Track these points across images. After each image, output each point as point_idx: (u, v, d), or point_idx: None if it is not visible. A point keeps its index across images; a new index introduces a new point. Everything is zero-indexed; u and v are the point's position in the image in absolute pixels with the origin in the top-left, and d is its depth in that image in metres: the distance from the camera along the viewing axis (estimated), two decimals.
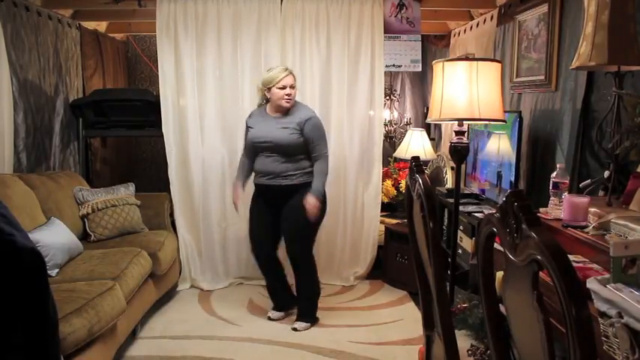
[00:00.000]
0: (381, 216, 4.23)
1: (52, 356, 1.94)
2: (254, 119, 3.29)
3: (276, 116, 3.21)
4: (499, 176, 3.27)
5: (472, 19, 4.31)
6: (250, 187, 3.41)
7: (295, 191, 3.18)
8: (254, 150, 3.25)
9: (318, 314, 3.40)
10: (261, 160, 3.21)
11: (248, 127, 3.30)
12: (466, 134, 2.92)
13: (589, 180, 2.38)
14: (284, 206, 3.22)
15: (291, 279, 3.45)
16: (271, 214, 3.28)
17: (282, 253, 3.41)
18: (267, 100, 3.24)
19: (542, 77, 3.12)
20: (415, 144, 4.51)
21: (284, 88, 3.12)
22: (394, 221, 4.24)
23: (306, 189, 3.16)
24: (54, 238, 2.86)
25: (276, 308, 3.46)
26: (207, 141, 4.00)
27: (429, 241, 1.53)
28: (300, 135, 3.15)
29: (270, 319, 3.40)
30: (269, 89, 3.15)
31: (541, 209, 2.20)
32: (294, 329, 3.23)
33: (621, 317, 1.27)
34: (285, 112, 3.20)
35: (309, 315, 3.33)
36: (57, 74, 3.96)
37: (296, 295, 3.40)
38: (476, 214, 3.24)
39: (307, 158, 3.22)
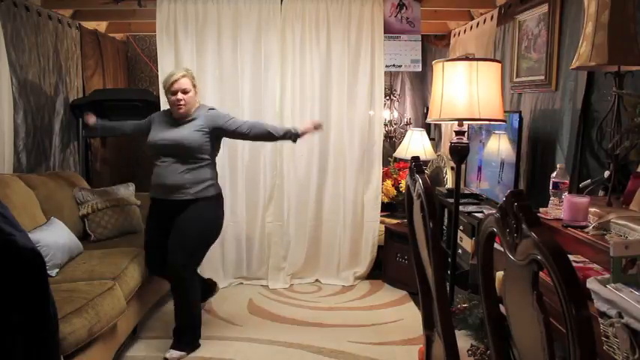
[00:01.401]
0: (381, 216, 4.24)
1: (52, 356, 1.94)
2: (157, 119, 3.02)
3: (177, 119, 2.93)
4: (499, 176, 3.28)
5: (472, 19, 4.31)
6: None
7: (190, 205, 2.87)
8: (150, 153, 2.97)
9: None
10: (159, 168, 2.89)
11: (151, 124, 3.03)
12: (465, 134, 2.92)
13: (589, 180, 2.38)
14: (176, 218, 2.88)
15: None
16: (161, 231, 2.94)
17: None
18: None
19: (542, 77, 3.13)
20: (415, 144, 4.51)
21: (176, 93, 2.84)
22: (394, 221, 4.24)
23: (200, 202, 2.88)
24: (54, 238, 2.86)
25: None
26: None
27: (429, 241, 1.53)
28: (207, 136, 2.87)
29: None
30: (166, 93, 2.90)
31: (541, 209, 2.20)
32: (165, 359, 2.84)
33: (621, 317, 1.27)
34: (186, 117, 2.90)
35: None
36: (57, 74, 3.96)
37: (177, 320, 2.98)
38: (476, 214, 3.25)
39: (209, 165, 2.93)
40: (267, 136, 3.05)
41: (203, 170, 2.90)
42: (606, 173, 2.21)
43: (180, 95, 2.85)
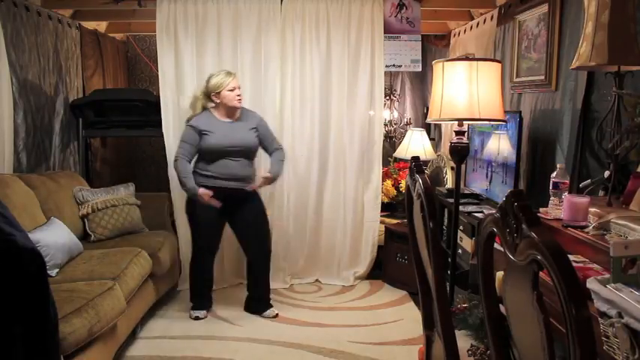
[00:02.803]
0: (381, 216, 4.24)
1: (52, 356, 1.94)
2: (207, 125, 3.24)
3: (229, 121, 3.29)
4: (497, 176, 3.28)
5: (472, 19, 4.31)
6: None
7: (252, 195, 3.39)
8: (212, 155, 3.23)
9: (318, 315, 3.40)
10: (224, 163, 3.24)
11: (202, 133, 3.22)
12: (465, 134, 2.92)
13: (589, 180, 2.38)
14: (239, 210, 3.35)
15: None
16: (221, 218, 3.38)
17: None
18: (204, 108, 3.32)
19: (542, 77, 3.12)
20: (415, 144, 4.51)
21: (234, 89, 3.23)
22: (394, 221, 4.24)
23: (255, 194, 3.40)
24: (54, 238, 2.86)
25: (202, 308, 3.46)
26: None
27: (429, 241, 1.53)
28: (257, 137, 3.34)
29: (199, 318, 3.39)
30: (218, 93, 3.22)
31: (541, 209, 2.20)
32: (276, 315, 3.44)
33: (621, 317, 1.27)
34: (237, 116, 3.31)
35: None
36: (57, 74, 3.96)
37: (252, 290, 3.53)
38: (476, 214, 3.25)
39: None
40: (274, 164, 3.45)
41: (254, 166, 3.42)
42: (606, 173, 2.21)
43: (238, 91, 3.25)
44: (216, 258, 4.04)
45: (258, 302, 3.50)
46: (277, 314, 3.45)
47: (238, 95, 3.25)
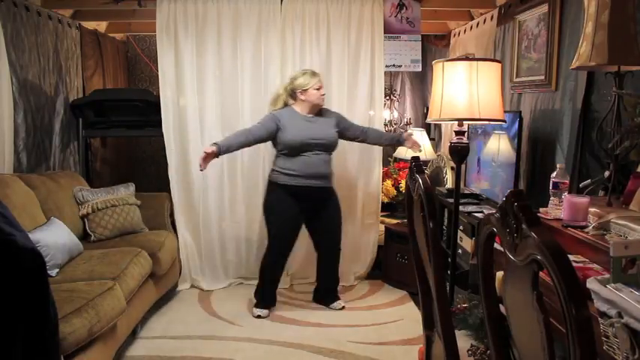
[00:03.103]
0: (381, 216, 4.23)
1: (52, 356, 1.94)
2: (288, 118, 3.37)
3: (311, 117, 3.41)
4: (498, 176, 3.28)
5: (472, 19, 4.31)
6: None
7: (331, 192, 3.51)
8: (292, 150, 3.32)
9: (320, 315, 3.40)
10: (305, 159, 3.33)
11: (280, 126, 3.33)
12: (465, 134, 2.92)
13: (589, 180, 2.38)
14: (317, 209, 3.46)
15: None
16: (300, 219, 3.48)
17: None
18: (285, 104, 3.45)
19: (542, 77, 3.12)
20: None
21: (319, 88, 3.38)
22: (394, 221, 4.24)
23: (333, 191, 3.52)
24: (54, 238, 2.86)
25: (266, 307, 3.51)
26: (207, 141, 3.97)
27: (429, 241, 1.53)
28: (337, 132, 3.46)
29: (260, 317, 3.45)
30: (305, 91, 3.36)
31: (541, 209, 2.20)
32: (342, 307, 3.59)
33: (621, 317, 1.27)
34: (316, 112, 3.44)
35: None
36: (57, 74, 3.96)
37: (321, 282, 3.69)
38: (476, 214, 3.25)
39: None
40: (377, 139, 3.70)
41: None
42: (606, 173, 2.21)
43: (322, 90, 3.41)
44: (216, 258, 4.07)
45: (327, 294, 3.63)
46: (344, 307, 3.59)
47: (323, 94, 3.42)
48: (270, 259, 3.50)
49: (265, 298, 3.51)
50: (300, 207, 3.39)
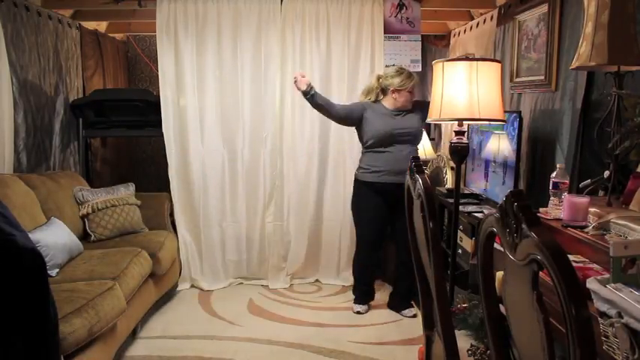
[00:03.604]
0: None
1: (52, 356, 1.94)
2: (374, 110, 3.38)
3: (397, 112, 3.39)
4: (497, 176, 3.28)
5: (472, 19, 4.31)
6: None
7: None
8: (376, 142, 3.33)
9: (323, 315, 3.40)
10: (391, 155, 3.32)
11: (366, 115, 3.37)
12: (465, 134, 2.92)
13: (589, 180, 2.37)
14: (400, 206, 3.31)
15: None
16: (387, 214, 3.43)
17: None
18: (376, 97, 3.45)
19: (542, 77, 3.12)
20: None
21: (411, 92, 3.37)
22: None
23: None
24: (54, 238, 2.86)
25: (363, 302, 3.60)
26: (207, 141, 4.00)
27: (429, 241, 1.53)
28: (420, 119, 3.39)
29: (360, 313, 3.53)
30: (398, 91, 3.34)
31: (541, 209, 2.20)
32: (414, 315, 3.46)
33: (621, 317, 1.27)
34: (405, 109, 3.40)
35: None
36: (57, 74, 3.96)
37: (399, 291, 3.60)
38: (476, 214, 3.25)
39: None
40: None
41: None
42: (606, 173, 2.21)
43: (413, 95, 3.41)
44: (216, 258, 4.07)
45: (402, 299, 3.56)
46: (416, 314, 3.47)
47: (413, 99, 3.41)
48: (358, 259, 3.56)
49: (361, 294, 3.60)
50: (387, 205, 3.38)
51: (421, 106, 3.42)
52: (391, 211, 3.42)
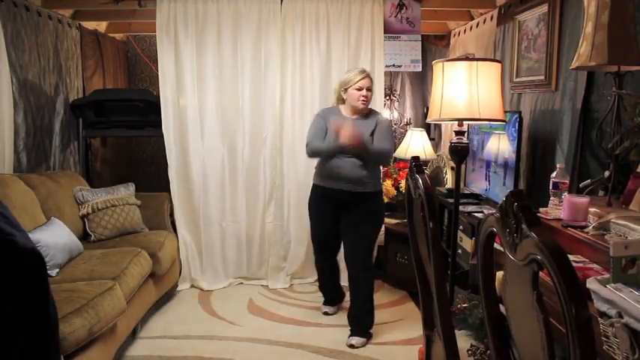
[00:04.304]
0: None
1: (52, 356, 1.94)
2: (329, 117, 3.14)
3: (354, 118, 3.11)
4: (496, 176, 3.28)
5: (472, 19, 4.31)
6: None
7: (362, 198, 3.08)
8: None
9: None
10: (335, 162, 3.06)
11: (326, 122, 3.15)
12: (465, 134, 2.92)
13: (589, 180, 2.38)
14: (349, 214, 3.12)
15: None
16: (332, 218, 3.19)
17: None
18: (342, 101, 3.19)
19: (542, 77, 3.12)
20: (415, 144, 4.51)
21: (360, 89, 3.05)
22: (394, 221, 4.24)
23: (373, 198, 3.14)
24: (54, 238, 2.86)
25: (330, 303, 3.55)
26: (207, 141, 4.00)
27: (429, 241, 1.53)
28: (371, 137, 3.07)
29: (327, 314, 3.49)
30: (345, 90, 3.09)
31: (541, 209, 2.20)
32: (351, 345, 3.01)
33: (621, 317, 1.27)
34: (363, 115, 3.12)
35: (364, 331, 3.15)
36: (57, 74, 3.96)
37: (350, 311, 3.20)
38: (476, 214, 3.25)
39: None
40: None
41: (377, 168, 3.22)
42: (606, 173, 2.21)
43: (365, 92, 3.06)
44: (216, 258, 4.07)
45: (353, 320, 3.18)
46: (353, 345, 3.04)
47: (364, 96, 3.05)
48: (315, 259, 3.49)
49: (325, 294, 3.56)
50: (328, 209, 3.18)
51: (378, 123, 3.10)
52: (338, 216, 3.16)
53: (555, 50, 3.02)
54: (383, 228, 4.13)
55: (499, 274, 1.47)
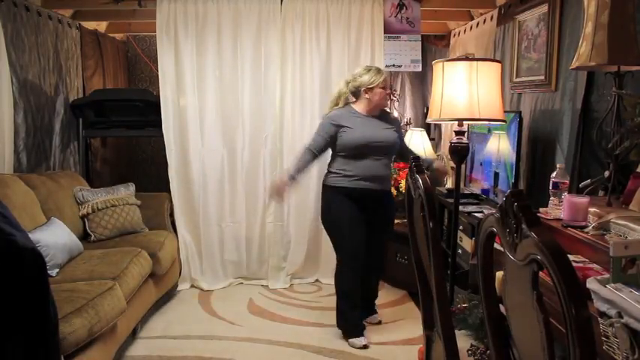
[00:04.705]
0: None
1: (52, 356, 1.94)
2: (348, 120, 3.04)
3: (370, 117, 3.08)
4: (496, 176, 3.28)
5: (472, 19, 4.31)
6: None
7: (387, 197, 3.22)
8: (353, 151, 3.02)
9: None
10: (365, 163, 3.02)
11: (340, 127, 3.03)
12: (465, 134, 2.92)
13: (589, 180, 2.38)
14: (375, 213, 3.13)
15: None
16: (364, 221, 3.09)
17: None
18: (346, 102, 3.15)
19: (542, 77, 3.12)
20: (415, 144, 4.51)
21: (385, 87, 3.08)
22: (394, 221, 4.23)
23: (391, 195, 3.31)
24: (54, 238, 2.86)
25: (362, 328, 3.15)
26: (207, 141, 4.00)
27: (429, 241, 1.53)
28: (397, 135, 3.15)
29: (366, 347, 3.02)
30: (371, 89, 3.03)
31: (541, 209, 2.20)
32: (379, 322, 3.34)
33: (621, 317, 1.27)
34: (379, 113, 3.13)
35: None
36: (57, 74, 3.96)
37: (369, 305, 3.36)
38: (476, 214, 3.25)
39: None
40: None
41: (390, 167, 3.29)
42: (606, 173, 2.21)
43: (387, 90, 3.17)
44: (216, 258, 4.07)
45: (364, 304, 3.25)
46: (380, 321, 3.32)
47: (388, 94, 3.21)
48: (347, 284, 3.08)
49: (352, 324, 3.10)
50: (360, 212, 3.07)
51: (397, 125, 3.21)
52: (365, 216, 3.10)
53: (555, 50, 3.02)
54: None
55: (499, 274, 1.47)
